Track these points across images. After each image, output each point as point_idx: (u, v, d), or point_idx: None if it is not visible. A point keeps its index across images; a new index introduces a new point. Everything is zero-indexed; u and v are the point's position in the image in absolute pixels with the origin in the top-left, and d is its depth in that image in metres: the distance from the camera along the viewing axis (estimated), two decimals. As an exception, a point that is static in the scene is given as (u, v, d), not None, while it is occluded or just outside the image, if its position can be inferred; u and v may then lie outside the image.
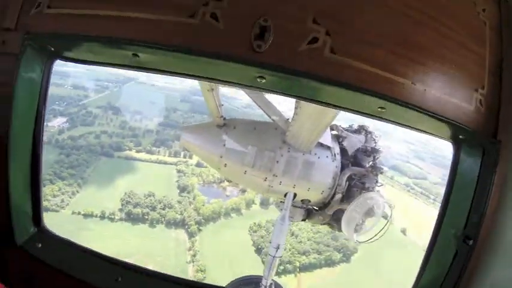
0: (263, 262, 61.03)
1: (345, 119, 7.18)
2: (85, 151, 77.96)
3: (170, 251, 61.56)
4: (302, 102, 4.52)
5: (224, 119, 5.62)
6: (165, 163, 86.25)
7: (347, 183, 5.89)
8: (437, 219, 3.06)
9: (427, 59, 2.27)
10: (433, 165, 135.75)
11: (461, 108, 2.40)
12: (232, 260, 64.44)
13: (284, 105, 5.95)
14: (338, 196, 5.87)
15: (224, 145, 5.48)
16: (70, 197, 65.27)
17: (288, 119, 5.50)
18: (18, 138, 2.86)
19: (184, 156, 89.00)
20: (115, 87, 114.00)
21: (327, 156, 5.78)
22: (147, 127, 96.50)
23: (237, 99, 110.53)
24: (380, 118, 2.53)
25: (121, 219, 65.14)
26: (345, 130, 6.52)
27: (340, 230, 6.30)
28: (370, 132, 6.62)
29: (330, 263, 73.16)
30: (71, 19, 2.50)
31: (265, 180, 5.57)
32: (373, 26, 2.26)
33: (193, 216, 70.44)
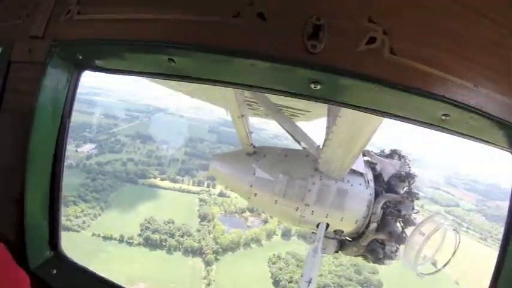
0: None
1: (374, 145, 6.83)
2: (110, 177, 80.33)
3: (185, 279, 60.40)
4: (334, 127, 4.31)
5: (254, 147, 5.48)
6: (188, 192, 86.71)
7: (382, 211, 5.55)
8: (497, 262, 2.58)
9: (485, 59, 2.08)
10: (465, 191, 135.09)
11: None
12: None
13: (314, 133, 5.81)
14: (373, 225, 5.53)
15: (254, 174, 5.32)
16: (92, 219, 66.77)
17: (319, 145, 5.32)
18: (38, 152, 2.68)
19: (208, 186, 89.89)
20: (145, 117, 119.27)
21: (360, 184, 5.50)
22: (173, 156, 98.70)
23: (264, 130, 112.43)
24: (441, 128, 2.27)
25: (139, 244, 65.37)
26: (377, 155, 6.30)
27: (375, 262, 5.97)
28: (403, 157, 6.36)
29: None
30: (103, 24, 2.36)
31: (296, 210, 5.31)
32: (431, 24, 2.07)
33: (211, 245, 69.18)
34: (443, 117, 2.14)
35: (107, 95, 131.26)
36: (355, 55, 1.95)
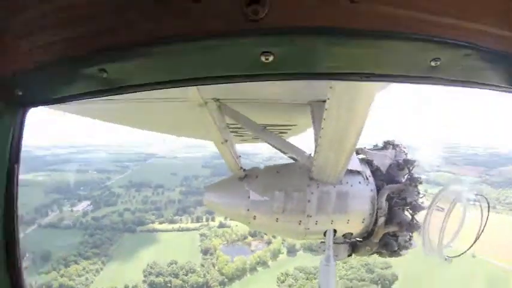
0: None
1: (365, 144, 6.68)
2: (108, 229, 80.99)
3: None
4: (322, 131, 4.29)
5: (244, 170, 5.37)
6: (188, 229, 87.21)
7: (387, 203, 5.52)
8: None
9: None
10: (467, 166, 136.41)
11: None
12: None
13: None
14: (381, 220, 5.47)
15: (249, 197, 5.20)
16: (94, 275, 67.02)
17: (310, 154, 5.30)
18: None
19: (207, 220, 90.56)
20: (136, 165, 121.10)
21: (360, 182, 5.47)
22: (169, 198, 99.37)
23: (257, 155, 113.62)
24: (432, 79, 2.01)
25: (147, 292, 65.34)
26: (371, 150, 6.29)
27: (391, 255, 5.90)
28: (397, 145, 6.31)
29: None
30: (34, 52, 2.13)
31: (300, 223, 5.18)
32: None
33: (216, 277, 69.25)
34: (433, 63, 1.88)
35: (97, 150, 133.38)
36: (305, 11, 1.68)
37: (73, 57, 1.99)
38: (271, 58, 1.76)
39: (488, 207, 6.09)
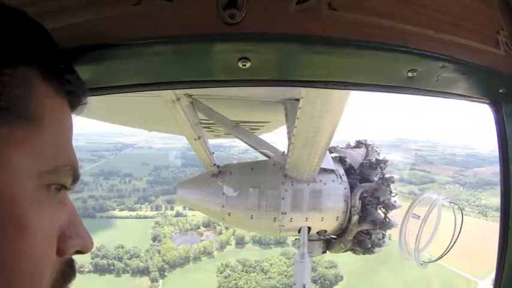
0: None
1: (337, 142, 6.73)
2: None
3: None
4: (295, 129, 4.28)
5: (218, 166, 5.48)
6: (145, 217, 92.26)
7: (360, 202, 5.65)
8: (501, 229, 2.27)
9: (438, 4, 1.77)
10: (443, 166, 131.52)
11: (492, 54, 1.91)
12: None
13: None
14: (355, 218, 5.61)
15: (223, 193, 5.27)
16: (46, 256, 73.17)
17: (284, 151, 5.42)
18: None
19: (166, 209, 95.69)
20: (111, 155, 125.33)
21: (333, 180, 5.57)
22: (134, 187, 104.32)
23: (234, 147, 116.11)
24: (408, 89, 1.95)
25: (89, 271, 71.30)
26: (344, 149, 6.41)
27: (365, 253, 6.04)
28: (370, 145, 6.44)
29: None
30: None
31: (274, 220, 5.29)
32: None
33: (158, 263, 74.76)
34: (409, 74, 1.84)
35: (75, 140, 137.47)
36: (286, 17, 1.61)
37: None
38: (248, 64, 1.69)
39: (462, 215, 6.18)
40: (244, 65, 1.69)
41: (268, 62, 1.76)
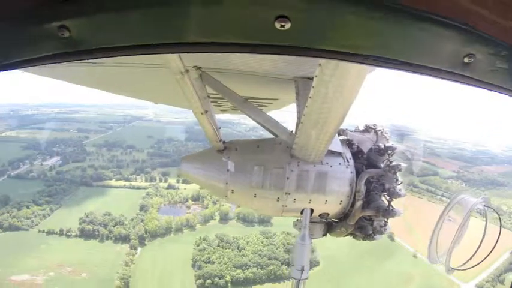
0: (195, 276, 66.84)
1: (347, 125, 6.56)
2: (66, 182, 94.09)
3: (108, 262, 70.54)
4: (306, 109, 4.11)
5: (224, 142, 5.27)
6: (139, 188, 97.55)
7: (365, 187, 5.54)
8: None
9: None
10: (449, 159, 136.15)
11: None
12: (162, 272, 71.21)
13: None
14: (358, 203, 5.49)
15: (228, 170, 5.14)
16: (40, 219, 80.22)
17: (292, 130, 5.28)
18: None
19: (160, 181, 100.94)
20: (119, 127, 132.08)
21: (340, 163, 5.45)
22: (134, 158, 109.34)
23: (242, 124, 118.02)
24: (461, 77, 1.72)
25: (76, 236, 77.63)
26: (353, 132, 6.33)
27: (365, 239, 6.01)
28: (379, 130, 6.33)
29: (273, 278, 73.52)
30: None
31: (277, 200, 5.19)
32: None
33: (139, 231, 79.32)
34: (466, 60, 1.64)
35: (86, 111, 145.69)
36: None
37: (25, 10, 1.60)
38: (288, 25, 1.43)
39: (500, 222, 5.96)
40: (283, 26, 1.45)
41: (313, 23, 1.51)
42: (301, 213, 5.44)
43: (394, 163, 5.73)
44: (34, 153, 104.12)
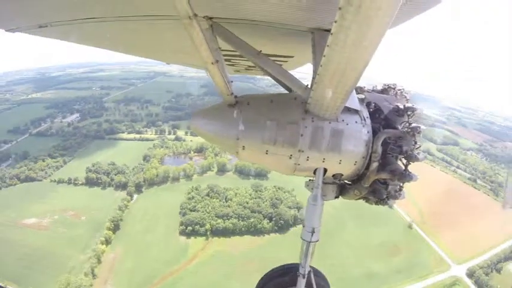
0: (179, 222, 69.68)
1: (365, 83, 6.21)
2: (81, 136, 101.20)
3: (105, 207, 76.34)
4: (324, 60, 3.80)
5: (235, 96, 4.90)
6: (147, 140, 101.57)
7: (382, 148, 5.16)
8: None
9: None
10: (475, 131, 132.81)
11: None
12: (152, 217, 75.48)
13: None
14: (374, 165, 5.15)
15: (239, 125, 4.86)
16: (54, 171, 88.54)
17: (307, 85, 4.85)
18: None
19: (169, 133, 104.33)
20: (141, 83, 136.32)
21: (356, 122, 5.10)
22: (149, 112, 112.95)
23: (263, 79, 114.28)
24: None
25: (82, 184, 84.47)
26: (371, 91, 5.97)
27: (378, 203, 5.68)
28: (399, 90, 5.99)
29: (253, 231, 74.55)
30: None
31: (290, 157, 4.90)
32: None
33: (137, 180, 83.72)
34: None
35: (111, 69, 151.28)
36: None
37: None
38: None
39: None
40: None
41: None
42: (314, 172, 5.14)
43: (413, 125, 5.34)
44: (55, 112, 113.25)
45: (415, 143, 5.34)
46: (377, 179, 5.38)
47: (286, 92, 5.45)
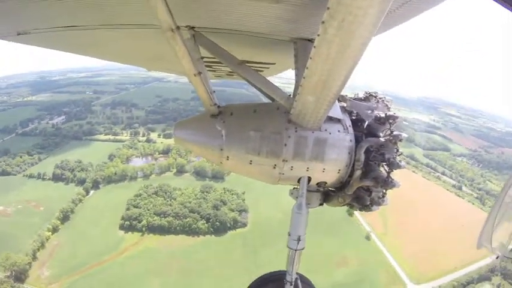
0: (122, 218, 73.53)
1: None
2: (61, 136, 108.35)
3: (63, 200, 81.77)
4: (307, 71, 3.86)
5: (218, 106, 4.94)
6: (120, 141, 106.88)
7: (364, 156, 5.27)
8: None
9: None
10: (472, 137, 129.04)
11: None
12: (100, 211, 79.74)
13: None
14: (357, 173, 5.24)
15: (222, 136, 4.87)
16: (28, 167, 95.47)
17: (290, 95, 5.02)
18: None
19: (143, 135, 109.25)
20: (134, 88, 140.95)
21: (339, 131, 5.19)
22: (131, 115, 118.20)
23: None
24: None
25: (49, 179, 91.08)
26: (353, 99, 6.00)
27: (362, 209, 5.81)
28: (380, 98, 6.05)
29: (188, 231, 75.84)
30: None
31: (274, 167, 4.93)
32: None
33: (97, 176, 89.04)
34: None
35: (110, 74, 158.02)
36: None
37: None
38: None
39: None
40: None
41: None
42: (298, 181, 5.29)
43: (395, 133, 5.50)
44: (44, 114, 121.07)
45: (397, 150, 5.41)
46: (360, 186, 5.42)
47: (269, 101, 5.40)
